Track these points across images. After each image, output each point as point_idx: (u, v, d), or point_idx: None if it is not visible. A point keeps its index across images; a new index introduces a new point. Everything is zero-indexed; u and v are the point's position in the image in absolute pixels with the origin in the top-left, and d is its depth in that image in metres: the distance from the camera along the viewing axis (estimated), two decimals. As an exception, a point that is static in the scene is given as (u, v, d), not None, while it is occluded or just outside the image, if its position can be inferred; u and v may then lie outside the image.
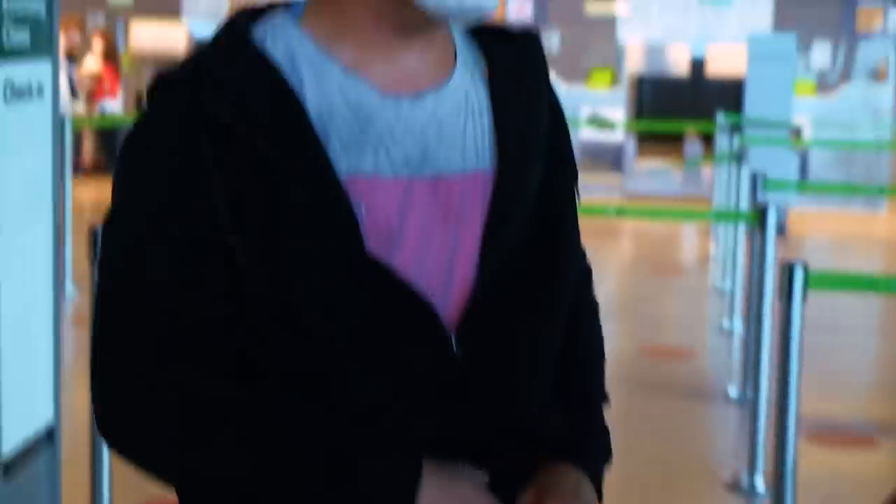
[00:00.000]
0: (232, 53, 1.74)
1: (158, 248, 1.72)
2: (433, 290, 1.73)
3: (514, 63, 1.88)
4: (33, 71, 4.22)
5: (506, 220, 1.79)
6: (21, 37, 4.11)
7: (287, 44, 1.77)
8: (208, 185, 1.69)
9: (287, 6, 1.84)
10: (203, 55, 1.77)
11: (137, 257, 1.74)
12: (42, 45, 4.26)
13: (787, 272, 4.88)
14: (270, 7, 1.85)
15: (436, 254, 1.75)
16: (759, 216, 6.31)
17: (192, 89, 1.71)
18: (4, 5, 3.97)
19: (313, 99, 1.73)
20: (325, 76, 1.75)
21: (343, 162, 1.70)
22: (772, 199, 7.49)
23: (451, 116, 1.79)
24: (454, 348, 1.74)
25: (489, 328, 1.77)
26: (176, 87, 1.74)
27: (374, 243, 1.70)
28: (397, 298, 1.71)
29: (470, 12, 1.73)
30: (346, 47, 1.77)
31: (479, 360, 1.76)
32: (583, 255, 2.04)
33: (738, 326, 9.35)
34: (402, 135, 1.75)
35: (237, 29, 1.78)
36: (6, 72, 4.00)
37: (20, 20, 4.09)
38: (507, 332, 1.80)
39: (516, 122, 1.84)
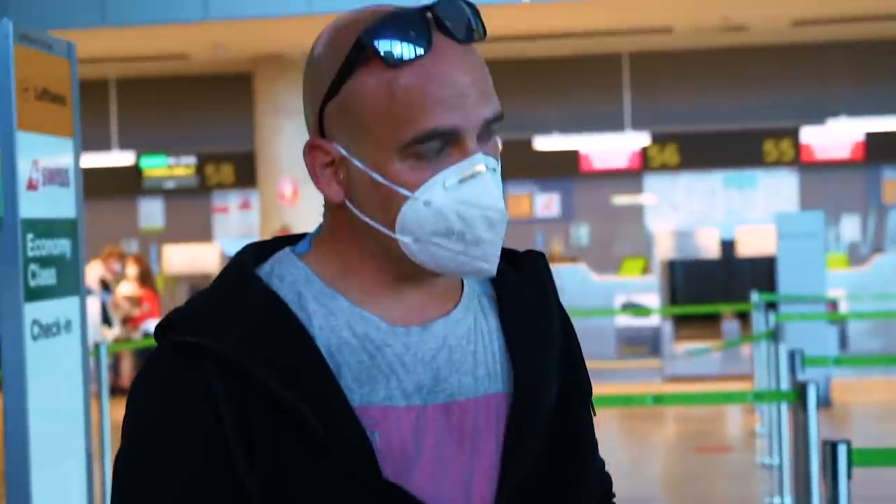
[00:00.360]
0: (240, 291, 1.74)
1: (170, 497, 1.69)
2: None
3: (521, 285, 1.88)
4: (61, 308, 4.27)
5: (523, 441, 1.77)
6: (48, 277, 4.16)
7: (293, 280, 1.77)
8: (220, 427, 1.67)
9: (291, 242, 1.85)
10: (211, 294, 1.77)
11: None
12: (69, 283, 4.33)
13: (831, 450, 4.73)
14: (276, 242, 1.86)
15: (452, 475, 1.73)
16: (799, 394, 6.22)
17: (201, 334, 1.69)
18: (29, 250, 4.05)
19: (322, 333, 1.72)
20: (333, 311, 1.74)
21: (355, 394, 1.70)
22: (812, 375, 7.42)
23: (461, 341, 1.79)
24: None
25: None
26: (183, 331, 1.71)
27: (389, 468, 1.68)
28: None
29: (469, 275, 1.77)
30: (351, 286, 1.77)
31: None
32: (602, 463, 1.99)
33: (789, 503, 9.11)
34: (413, 363, 1.74)
35: (244, 266, 1.78)
36: (33, 312, 4.06)
37: (46, 262, 4.16)
38: None
39: (528, 345, 1.83)
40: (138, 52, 18.18)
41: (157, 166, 22.04)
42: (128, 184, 21.71)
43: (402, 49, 1.67)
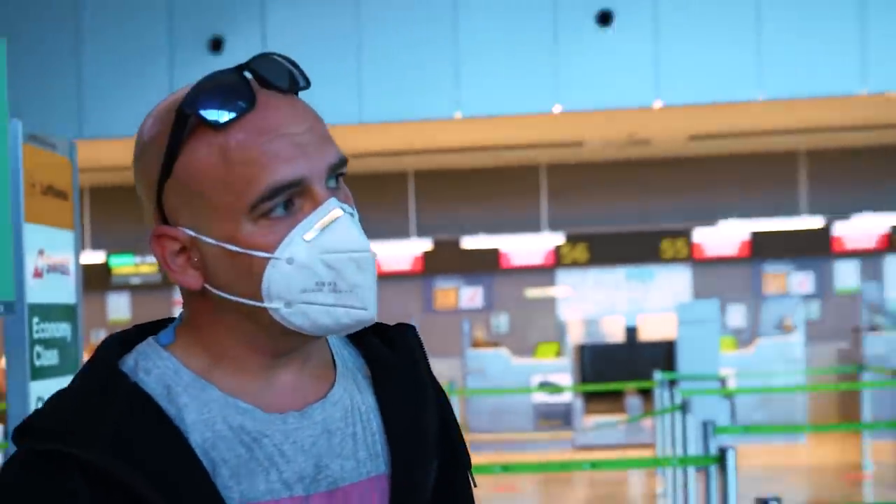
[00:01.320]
0: (105, 390, 1.45)
1: None
2: None
3: (394, 362, 1.64)
4: (62, 386, 4.20)
5: None
6: (51, 357, 4.04)
7: (161, 373, 1.49)
8: None
9: (153, 331, 1.58)
10: (75, 393, 1.49)
11: None
12: (70, 363, 4.19)
13: None
14: (137, 332, 1.58)
15: None
16: (720, 459, 6.21)
17: (67, 441, 1.41)
18: (34, 333, 3.93)
19: (196, 428, 1.46)
20: (205, 403, 1.48)
21: (234, 491, 1.44)
22: (713, 442, 7.39)
23: (340, 424, 1.55)
24: None
25: None
26: (47, 437, 1.43)
27: None
28: None
29: (347, 329, 1.51)
30: (223, 374, 1.50)
31: None
32: None
33: (697, 557, 8.98)
34: (293, 452, 1.49)
35: (108, 362, 1.50)
36: (38, 389, 3.93)
37: (49, 343, 4.03)
38: None
39: (406, 424, 1.59)
40: (111, 163, 18.00)
41: (125, 264, 21.83)
42: (98, 280, 21.38)
43: (226, 107, 1.43)
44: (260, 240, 1.44)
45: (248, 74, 1.48)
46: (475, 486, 1.70)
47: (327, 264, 1.45)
